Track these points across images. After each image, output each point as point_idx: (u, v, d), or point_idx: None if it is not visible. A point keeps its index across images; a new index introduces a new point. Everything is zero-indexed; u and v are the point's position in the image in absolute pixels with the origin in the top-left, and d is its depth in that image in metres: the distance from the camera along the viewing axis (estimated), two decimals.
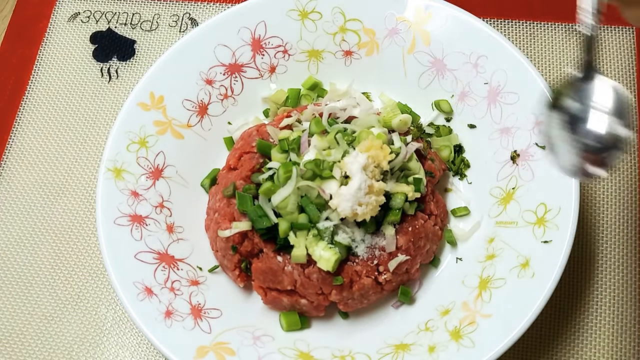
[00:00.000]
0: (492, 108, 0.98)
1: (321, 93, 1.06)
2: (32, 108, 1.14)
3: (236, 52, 1.04)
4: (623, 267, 0.99)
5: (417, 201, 0.91)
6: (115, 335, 0.99)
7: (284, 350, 0.88)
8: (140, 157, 0.97)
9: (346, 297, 0.90)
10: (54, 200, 1.07)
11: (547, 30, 1.15)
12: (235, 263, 0.92)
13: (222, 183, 0.96)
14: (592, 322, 0.96)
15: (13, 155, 1.11)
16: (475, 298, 0.89)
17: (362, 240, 0.89)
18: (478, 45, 0.99)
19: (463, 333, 0.85)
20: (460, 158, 1.01)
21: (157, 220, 0.95)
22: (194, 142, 1.01)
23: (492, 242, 0.93)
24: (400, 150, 0.91)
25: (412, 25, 1.01)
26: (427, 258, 0.95)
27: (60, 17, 1.22)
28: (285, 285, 0.89)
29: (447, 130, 1.02)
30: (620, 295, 0.97)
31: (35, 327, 0.99)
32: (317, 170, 0.86)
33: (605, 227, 1.01)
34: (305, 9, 1.04)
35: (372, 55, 1.04)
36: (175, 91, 1.01)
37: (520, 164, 0.94)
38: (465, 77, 1.00)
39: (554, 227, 0.88)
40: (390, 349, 0.88)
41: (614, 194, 1.03)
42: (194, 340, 0.86)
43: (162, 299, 0.88)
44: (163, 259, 0.92)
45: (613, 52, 1.12)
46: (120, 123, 0.97)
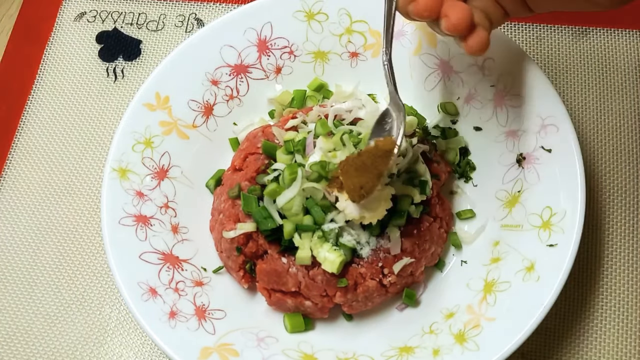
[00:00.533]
0: (498, 111, 0.98)
1: (327, 94, 1.06)
2: (38, 108, 1.14)
3: (242, 52, 1.04)
4: (629, 271, 0.98)
5: (422, 204, 0.91)
6: (119, 335, 0.99)
7: (288, 352, 0.88)
8: (146, 158, 0.97)
9: (350, 299, 0.89)
10: (59, 200, 1.07)
11: (554, 33, 1.15)
12: (239, 264, 0.92)
13: (227, 184, 0.96)
14: (597, 326, 0.96)
15: (18, 154, 1.11)
16: (480, 301, 0.89)
17: (367, 242, 0.88)
18: None
19: (467, 336, 0.85)
20: (466, 161, 1.01)
21: (161, 220, 0.95)
22: (200, 143, 1.01)
23: (497, 245, 0.93)
24: (407, 152, 0.91)
25: (418, 27, 1.01)
26: (432, 261, 0.95)
27: (66, 16, 1.22)
28: (290, 286, 0.89)
29: (452, 133, 1.02)
30: (626, 299, 0.97)
31: (40, 326, 1.00)
32: (322, 172, 0.86)
33: (611, 231, 1.00)
34: (312, 10, 1.04)
35: (378, 57, 1.04)
36: (181, 91, 1.01)
37: (526, 167, 0.94)
38: (471, 79, 1.00)
39: (559, 231, 0.87)
40: (394, 352, 0.88)
41: (620, 197, 1.02)
42: (198, 341, 0.86)
43: (166, 300, 0.88)
44: (167, 259, 0.92)
45: (618, 56, 1.12)
46: (126, 123, 0.97)
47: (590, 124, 1.07)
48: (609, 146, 1.06)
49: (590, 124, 1.08)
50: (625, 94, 1.09)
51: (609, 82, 1.10)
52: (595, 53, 1.12)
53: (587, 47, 1.13)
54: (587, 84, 1.10)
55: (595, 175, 1.04)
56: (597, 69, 1.11)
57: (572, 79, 1.11)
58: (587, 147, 1.06)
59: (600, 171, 1.04)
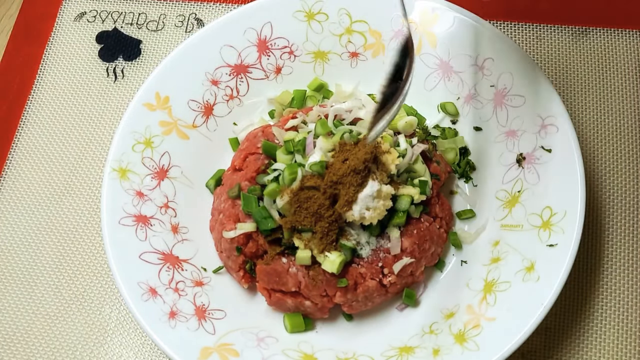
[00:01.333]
0: (498, 111, 0.98)
1: (327, 94, 1.06)
2: (38, 107, 1.14)
3: (242, 52, 1.04)
4: (628, 271, 0.98)
5: (422, 204, 0.91)
6: (119, 335, 0.99)
7: (288, 352, 0.88)
8: (146, 158, 0.97)
9: (350, 299, 0.89)
10: (59, 200, 1.07)
11: (554, 33, 1.15)
12: (239, 264, 0.92)
13: (227, 184, 0.96)
14: (597, 326, 0.96)
15: (18, 154, 1.11)
16: (480, 301, 0.89)
17: (367, 242, 0.88)
18: (484, 48, 0.98)
19: (467, 336, 0.85)
20: (466, 160, 1.01)
21: (161, 220, 0.95)
22: (199, 143, 1.01)
23: (497, 245, 0.93)
24: (406, 152, 0.91)
25: (419, 27, 1.01)
26: (432, 261, 0.95)
27: (66, 16, 1.22)
28: (290, 286, 0.89)
29: (452, 133, 1.02)
30: (626, 299, 0.97)
31: (40, 326, 0.99)
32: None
33: (610, 231, 1.00)
34: (312, 10, 1.04)
35: (378, 57, 1.04)
36: (180, 91, 1.01)
37: (526, 167, 0.94)
38: (471, 79, 1.00)
39: (559, 231, 0.87)
40: (394, 352, 0.88)
41: (620, 197, 1.02)
42: (198, 341, 0.86)
43: (166, 300, 0.88)
44: (167, 259, 0.92)
45: (618, 56, 1.12)
46: (126, 123, 0.97)
47: (590, 124, 1.07)
48: (609, 146, 1.06)
49: (590, 124, 1.08)
50: (625, 94, 1.09)
51: (609, 82, 1.10)
52: (595, 53, 1.12)
53: (587, 47, 1.13)
54: (587, 84, 1.10)
55: (595, 175, 1.04)
56: (597, 69, 1.11)
57: (572, 79, 1.11)
58: (587, 147, 1.06)
59: (600, 171, 1.04)
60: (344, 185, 0.85)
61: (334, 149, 0.89)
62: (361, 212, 0.84)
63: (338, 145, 0.88)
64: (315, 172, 0.87)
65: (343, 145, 0.88)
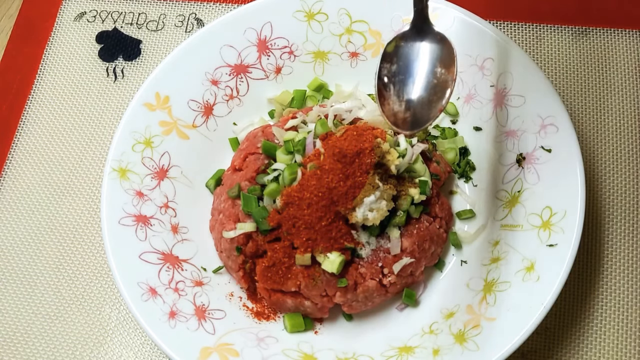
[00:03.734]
0: (498, 111, 0.98)
1: (327, 94, 1.06)
2: (38, 107, 1.14)
3: (242, 52, 1.04)
4: (628, 271, 0.98)
5: (422, 204, 0.91)
6: (119, 335, 0.99)
7: (287, 352, 0.88)
8: (146, 157, 0.97)
9: (350, 299, 0.89)
10: (58, 200, 1.07)
11: (554, 33, 1.15)
12: (239, 264, 0.92)
13: (227, 184, 0.96)
14: (597, 326, 0.96)
15: (18, 154, 1.11)
16: (480, 301, 0.89)
17: (367, 242, 0.88)
18: (484, 48, 0.98)
19: (467, 336, 0.85)
20: (466, 160, 1.01)
21: (161, 220, 0.95)
22: (199, 143, 1.01)
23: (497, 245, 0.93)
24: (406, 152, 0.91)
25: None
26: (432, 261, 0.95)
27: (66, 16, 1.22)
28: (290, 286, 0.89)
29: (452, 133, 1.02)
30: (626, 299, 0.97)
31: (40, 326, 0.99)
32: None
33: (610, 231, 1.00)
34: (312, 10, 1.04)
35: (378, 57, 1.04)
36: (180, 91, 1.01)
37: (526, 167, 0.94)
38: (471, 79, 1.00)
39: (559, 231, 0.87)
40: (394, 352, 0.88)
41: (620, 197, 1.02)
42: (198, 341, 0.86)
43: (166, 300, 0.88)
44: (167, 259, 0.92)
45: (618, 56, 1.12)
46: (126, 123, 0.97)
47: (590, 124, 1.07)
48: (609, 146, 1.06)
49: (590, 124, 1.08)
50: (625, 94, 1.09)
51: (609, 82, 1.10)
52: (595, 53, 1.12)
53: (587, 47, 1.13)
54: (587, 84, 1.10)
55: (595, 175, 1.04)
56: (597, 69, 1.11)
57: (572, 79, 1.11)
58: (587, 147, 1.06)
59: (600, 171, 1.04)
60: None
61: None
62: (364, 214, 0.85)
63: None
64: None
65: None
